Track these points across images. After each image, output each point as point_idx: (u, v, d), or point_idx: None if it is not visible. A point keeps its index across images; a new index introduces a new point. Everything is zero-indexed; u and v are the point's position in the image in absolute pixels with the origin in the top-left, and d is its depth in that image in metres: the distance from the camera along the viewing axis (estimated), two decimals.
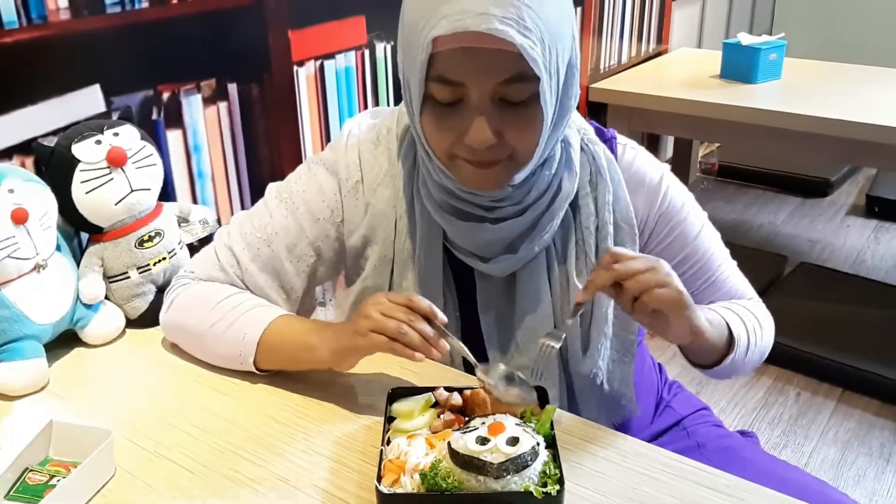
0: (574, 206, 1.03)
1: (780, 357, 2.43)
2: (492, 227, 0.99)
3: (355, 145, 1.08)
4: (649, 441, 1.03)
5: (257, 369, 1.04)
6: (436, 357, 0.91)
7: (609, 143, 1.06)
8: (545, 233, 1.01)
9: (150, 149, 1.24)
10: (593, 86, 2.90)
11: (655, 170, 1.07)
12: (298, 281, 1.10)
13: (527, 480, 0.77)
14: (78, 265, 1.20)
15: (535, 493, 0.76)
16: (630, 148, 1.08)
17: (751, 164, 3.75)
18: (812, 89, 2.68)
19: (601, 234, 1.03)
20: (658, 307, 0.87)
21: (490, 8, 0.81)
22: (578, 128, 1.04)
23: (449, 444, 0.80)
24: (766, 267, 2.89)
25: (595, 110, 2.95)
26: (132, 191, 1.20)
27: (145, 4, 1.41)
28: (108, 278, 1.22)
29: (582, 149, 1.03)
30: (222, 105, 1.61)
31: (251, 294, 1.09)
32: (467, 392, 0.91)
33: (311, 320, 1.07)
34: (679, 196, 1.08)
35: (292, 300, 1.11)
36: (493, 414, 0.85)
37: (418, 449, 0.83)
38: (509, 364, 1.02)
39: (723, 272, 1.11)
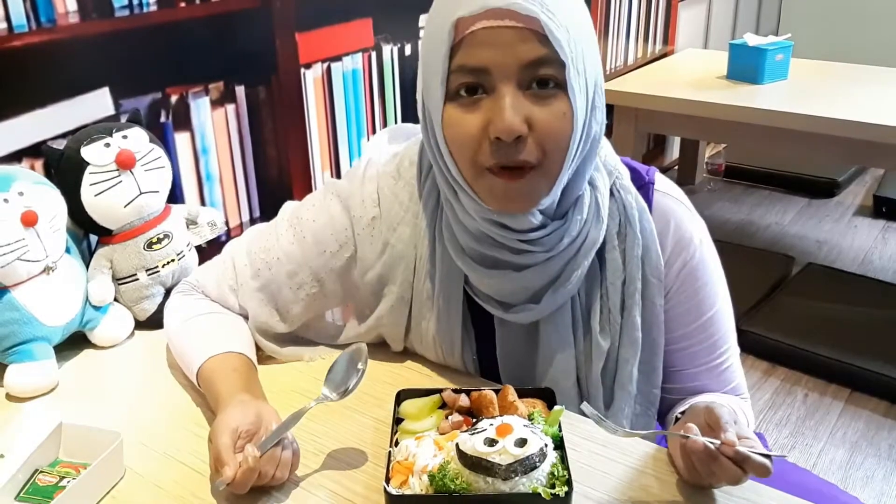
0: (601, 258, 0.98)
1: (787, 358, 2.44)
2: (516, 276, 0.95)
3: (374, 177, 1.04)
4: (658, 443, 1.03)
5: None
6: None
7: (646, 188, 1.00)
8: (569, 283, 0.95)
9: (159, 151, 1.25)
10: None
11: (693, 226, 1.01)
12: (296, 307, 1.08)
13: (535, 482, 0.77)
14: (87, 267, 1.21)
15: (543, 495, 0.76)
16: (671, 197, 1.01)
17: (757, 165, 3.74)
18: (819, 90, 2.67)
19: (628, 290, 0.98)
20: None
21: None
22: (611, 170, 0.98)
23: (457, 445, 0.80)
24: (774, 267, 2.89)
25: None
26: (141, 193, 1.20)
27: (153, 8, 1.42)
28: (117, 280, 1.23)
29: (612, 195, 0.98)
30: (230, 107, 1.61)
31: (219, 318, 1.08)
32: (475, 393, 0.91)
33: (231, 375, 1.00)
34: (709, 262, 1.01)
35: (288, 322, 1.10)
36: (501, 415, 0.86)
37: (426, 450, 0.83)
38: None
39: (725, 359, 1.05)
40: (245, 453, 0.82)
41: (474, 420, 0.87)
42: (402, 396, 0.93)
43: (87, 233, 1.28)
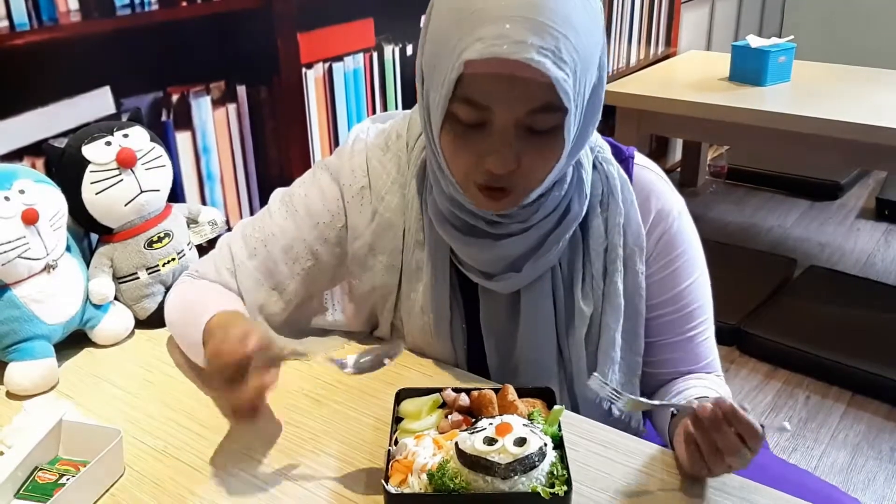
0: (584, 227, 1.01)
1: (789, 360, 2.43)
2: (494, 245, 0.97)
3: (362, 150, 1.07)
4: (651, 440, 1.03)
5: None
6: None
7: (626, 162, 1.03)
8: (550, 253, 0.98)
9: (160, 150, 1.25)
10: None
11: (671, 198, 1.04)
12: (293, 284, 1.09)
13: (534, 481, 0.77)
14: (88, 266, 1.21)
15: (542, 494, 0.76)
16: (649, 170, 1.04)
17: (760, 167, 3.74)
18: (821, 92, 2.67)
19: (610, 256, 1.01)
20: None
21: (528, 36, 0.78)
22: (593, 146, 1.01)
23: (456, 444, 0.80)
24: (776, 270, 2.88)
25: (604, 113, 2.95)
26: (141, 192, 1.20)
27: (155, 7, 1.42)
28: (118, 279, 1.23)
29: (595, 167, 1.00)
30: (231, 107, 1.61)
31: (224, 293, 1.08)
32: (475, 393, 0.91)
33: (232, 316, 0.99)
34: (687, 233, 1.04)
35: (285, 302, 1.10)
36: (501, 415, 0.85)
37: (426, 449, 0.83)
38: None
39: (700, 332, 1.06)
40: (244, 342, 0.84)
41: (474, 419, 0.87)
42: (401, 395, 0.93)
43: (87, 231, 1.28)
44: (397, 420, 0.91)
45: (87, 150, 1.18)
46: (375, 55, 1.91)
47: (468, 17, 0.81)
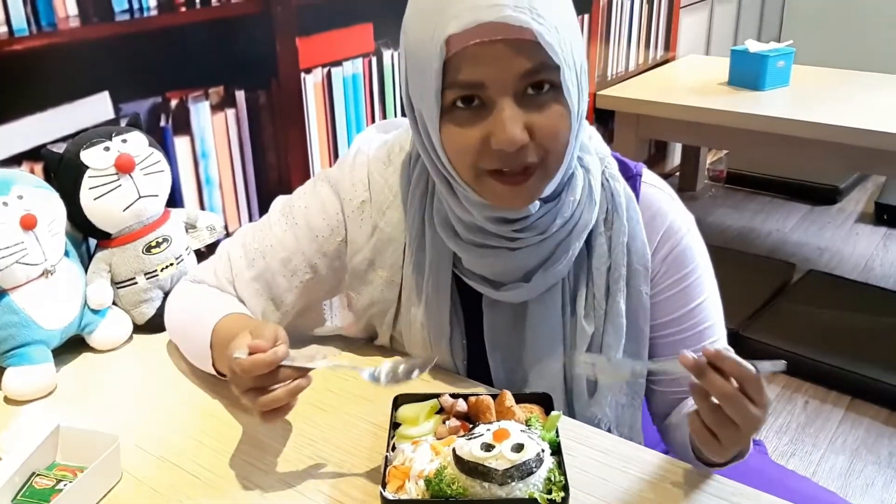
0: (588, 245, 0.99)
1: (788, 365, 2.42)
2: (509, 254, 0.96)
3: (364, 163, 1.05)
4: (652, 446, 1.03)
5: (217, 371, 1.02)
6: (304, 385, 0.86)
7: (633, 179, 1.01)
8: (559, 264, 0.96)
9: (158, 155, 1.25)
10: (601, 93, 2.90)
11: (679, 216, 1.02)
12: (290, 296, 1.08)
13: (531, 487, 0.77)
14: (86, 271, 1.21)
15: (539, 500, 0.76)
16: (657, 189, 1.02)
17: (759, 172, 3.74)
18: (820, 96, 2.67)
19: (613, 276, 0.99)
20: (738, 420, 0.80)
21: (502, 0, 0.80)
22: (601, 157, 1.00)
23: (454, 450, 0.80)
24: (775, 274, 2.88)
25: (603, 117, 2.95)
26: (140, 197, 1.21)
27: (154, 12, 1.42)
28: (116, 284, 1.23)
29: (602, 184, 0.99)
30: (230, 112, 1.61)
31: (227, 297, 1.08)
32: (472, 398, 0.91)
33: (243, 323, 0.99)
34: (697, 251, 1.02)
35: (282, 313, 1.09)
36: (499, 420, 0.85)
37: (423, 455, 0.83)
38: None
39: None
40: (274, 348, 0.83)
41: (471, 425, 0.87)
42: (399, 401, 0.93)
43: (86, 236, 1.28)
44: (395, 426, 0.91)
45: (86, 156, 1.18)
46: (374, 60, 1.92)
47: (438, 8, 0.82)
